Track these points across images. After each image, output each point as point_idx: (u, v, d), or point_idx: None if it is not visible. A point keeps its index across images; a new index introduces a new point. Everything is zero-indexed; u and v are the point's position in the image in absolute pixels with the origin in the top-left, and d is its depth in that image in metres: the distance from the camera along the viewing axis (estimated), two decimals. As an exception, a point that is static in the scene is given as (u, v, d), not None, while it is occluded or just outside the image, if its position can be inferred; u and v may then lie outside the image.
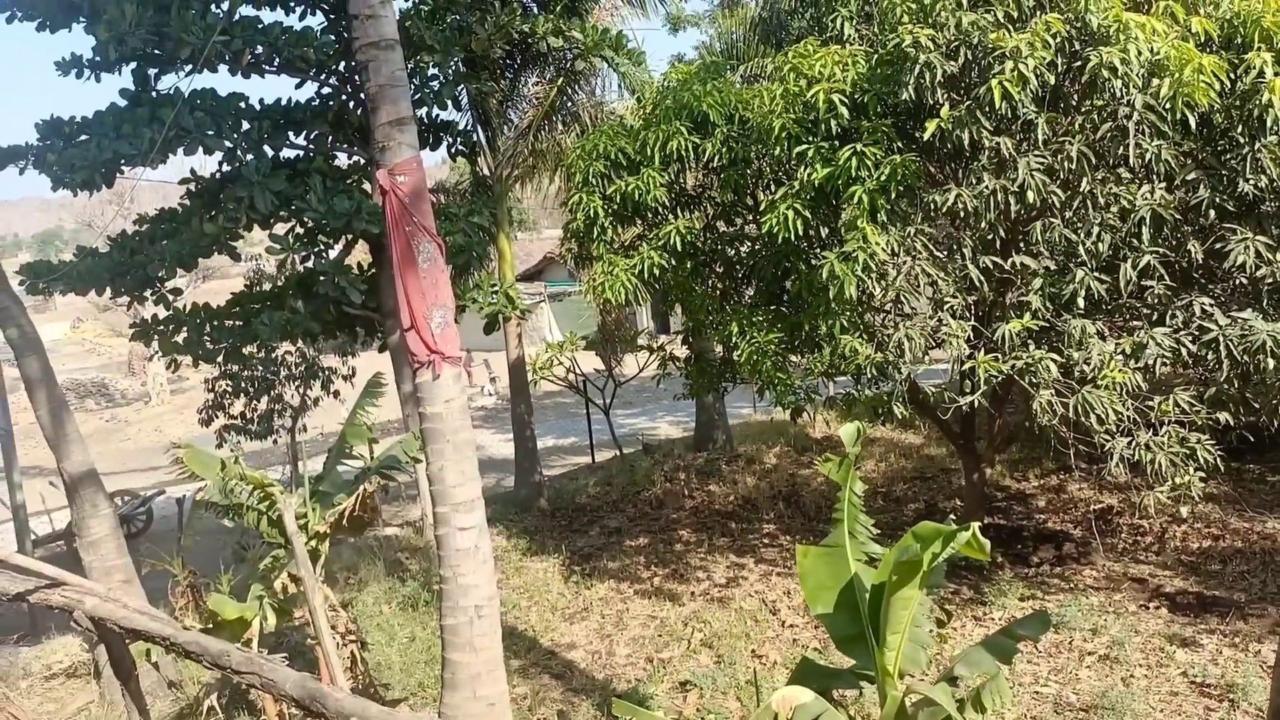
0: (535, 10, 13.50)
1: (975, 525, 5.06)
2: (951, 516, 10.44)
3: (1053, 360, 8.39)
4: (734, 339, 9.84)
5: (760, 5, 15.20)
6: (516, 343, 15.61)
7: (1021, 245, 9.09)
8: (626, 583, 11.67)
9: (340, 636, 8.31)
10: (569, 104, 15.30)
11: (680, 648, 9.77)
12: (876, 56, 8.96)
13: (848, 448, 6.17)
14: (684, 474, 15.99)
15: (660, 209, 10.24)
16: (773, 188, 9.92)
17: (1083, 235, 8.51)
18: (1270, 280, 8.48)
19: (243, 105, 10.81)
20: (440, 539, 6.50)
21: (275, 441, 17.50)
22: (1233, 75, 8.10)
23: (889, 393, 9.55)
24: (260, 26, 10.46)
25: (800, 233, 8.91)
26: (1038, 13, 8.18)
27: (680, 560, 12.32)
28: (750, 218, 10.75)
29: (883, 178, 8.45)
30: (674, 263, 10.02)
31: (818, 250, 9.47)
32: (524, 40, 13.38)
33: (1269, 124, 8.01)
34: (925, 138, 8.31)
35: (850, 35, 9.65)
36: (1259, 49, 8.08)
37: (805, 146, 8.87)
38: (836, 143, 8.81)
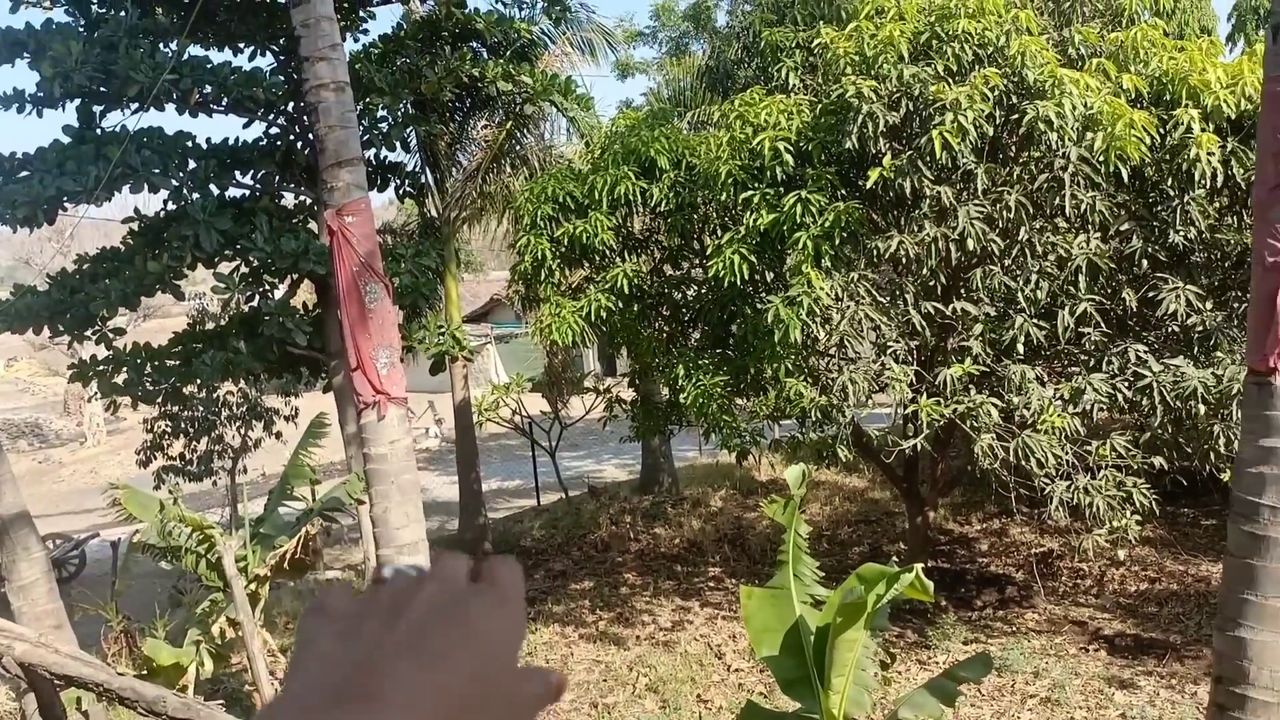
0: (485, 55, 13.60)
1: (919, 567, 5.11)
2: (895, 559, 10.52)
3: (994, 405, 8.54)
4: (680, 382, 9.88)
5: (708, 54, 15.49)
6: (463, 384, 15.50)
7: (962, 292, 9.28)
8: (571, 627, 11.55)
9: (279, 682, 8.10)
10: (518, 147, 15.38)
11: (625, 693, 9.67)
12: (821, 106, 9.15)
13: (793, 490, 6.21)
14: (630, 517, 15.93)
15: (608, 252, 10.30)
16: (719, 232, 10.03)
17: (1022, 283, 8.72)
18: (1200, 328, 8.75)
19: (190, 144, 10.70)
20: (382, 583, 6.37)
21: (215, 483, 17.13)
22: (1162, 130, 8.40)
23: (833, 436, 9.62)
24: (209, 66, 10.39)
25: (746, 277, 9.01)
26: (976, 67, 8.43)
27: (626, 604, 12.23)
28: (697, 262, 10.85)
29: (827, 224, 8.60)
30: (621, 305, 10.06)
31: (763, 294, 9.58)
32: (474, 84, 13.46)
33: (1197, 177, 8.30)
34: (868, 186, 8.48)
35: (795, 85, 9.86)
36: (1186, 105, 8.40)
37: (751, 193, 9.00)
38: (781, 189, 8.96)
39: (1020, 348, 8.68)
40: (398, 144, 12.67)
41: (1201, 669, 9.09)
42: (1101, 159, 8.08)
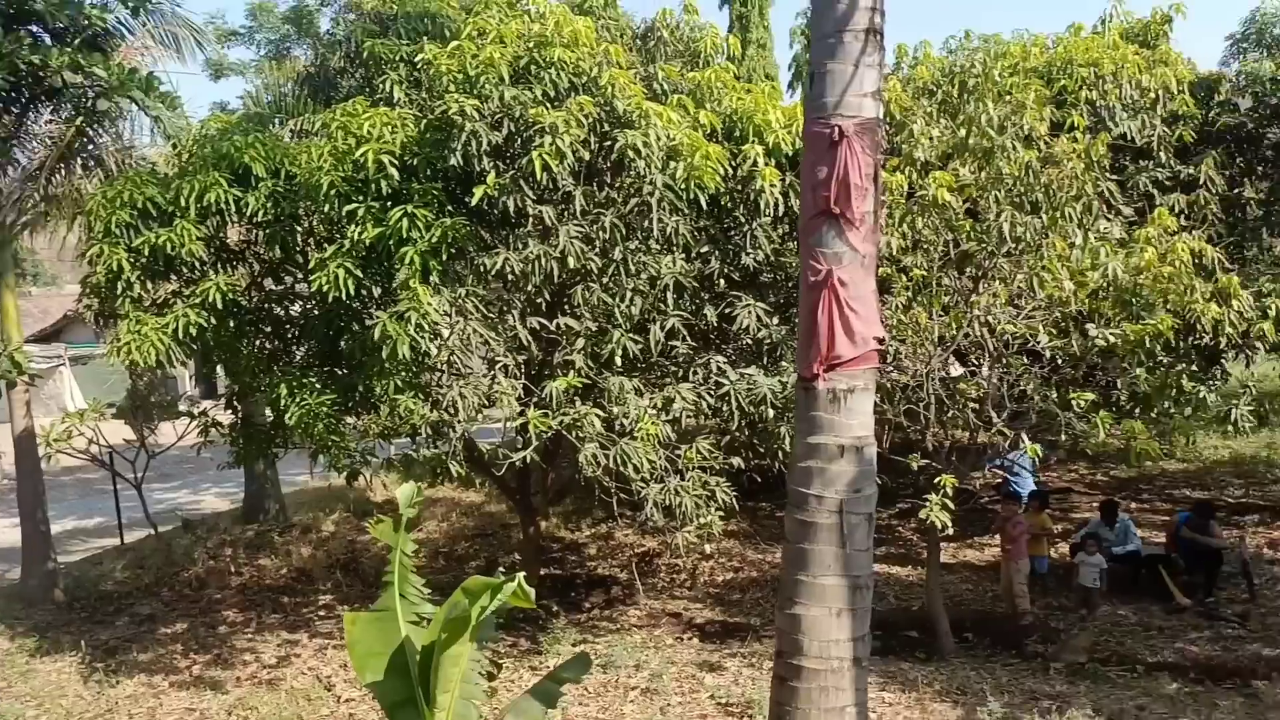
0: (48, 41, 12.08)
1: (520, 575, 5.23)
2: (501, 570, 10.71)
3: (596, 415, 8.98)
4: (283, 401, 9.36)
5: (309, 60, 14.88)
6: (25, 412, 13.58)
7: (566, 308, 9.68)
8: (161, 675, 10.50)
9: None
10: (90, 146, 13.79)
11: (224, 739, 8.97)
12: (426, 121, 9.14)
13: (402, 509, 6.11)
14: (230, 549, 14.82)
15: (198, 264, 9.55)
16: (323, 246, 9.66)
17: (618, 299, 9.27)
18: (769, 341, 9.81)
19: None
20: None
21: None
22: (734, 163, 9.34)
23: (447, 452, 9.63)
24: None
25: (352, 292, 8.76)
26: (573, 94, 8.85)
27: (225, 643, 11.35)
28: (300, 275, 10.37)
29: (434, 239, 8.59)
30: (215, 322, 9.35)
31: (371, 310, 9.36)
32: (34, 72, 11.89)
33: (763, 206, 9.33)
34: (474, 203, 8.60)
35: (400, 99, 9.76)
36: (753, 142, 9.42)
37: (356, 205, 8.78)
38: (388, 203, 8.83)
39: (619, 360, 9.21)
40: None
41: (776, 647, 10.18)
42: (683, 186, 8.80)
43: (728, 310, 9.64)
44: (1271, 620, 10.23)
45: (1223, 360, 12.40)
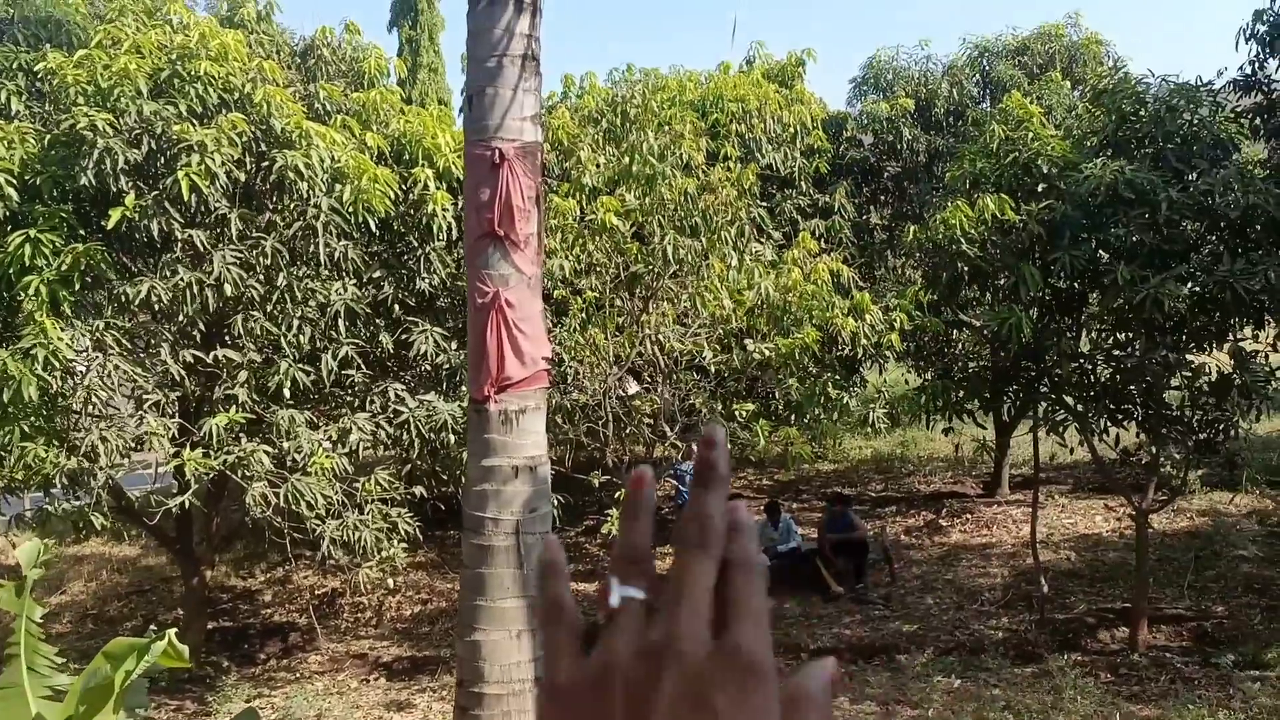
0: None
1: (170, 633, 4.77)
2: (152, 629, 9.79)
3: (265, 452, 8.44)
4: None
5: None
6: None
7: (227, 338, 9.04)
8: None
9: None
10: None
11: None
12: (51, 137, 8.21)
13: (26, 571, 5.39)
14: None
15: None
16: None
17: (285, 328, 8.78)
18: (448, 366, 9.70)
19: None
20: None
21: None
22: (404, 186, 9.18)
23: (89, 503, 8.66)
24: None
25: (-38, 328, 7.67)
26: (223, 110, 8.31)
27: None
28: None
29: (64, 267, 7.73)
30: None
31: (-9, 347, 8.24)
32: None
33: (435, 230, 9.23)
34: (110, 226, 7.82)
35: (20, 111, 8.72)
36: (423, 165, 9.30)
37: (-37, 229, 7.71)
38: (8, 227, 7.83)
39: (287, 392, 8.72)
40: None
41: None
42: (351, 210, 8.52)
43: (404, 336, 9.42)
44: (910, 600, 11.46)
45: (860, 369, 13.81)
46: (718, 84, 13.02)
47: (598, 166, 10.18)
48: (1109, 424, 9.39)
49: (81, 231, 8.13)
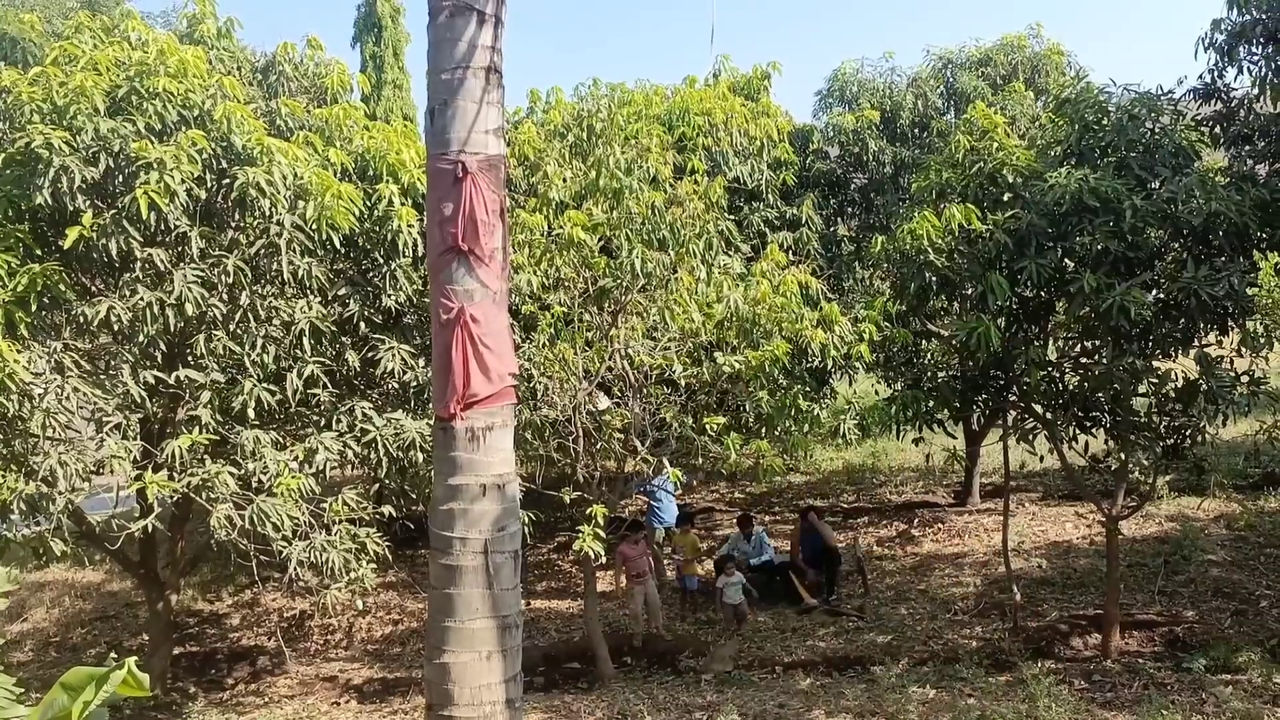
0: None
1: (130, 661, 4.63)
2: (113, 656, 9.59)
3: (230, 473, 8.28)
4: None
5: None
6: None
7: (189, 358, 8.88)
8: None
9: None
10: None
11: None
12: (5, 155, 8.04)
13: (-18, 600, 5.24)
14: None
15: None
16: None
17: (248, 347, 8.64)
18: (415, 384, 9.58)
19: None
20: None
21: None
22: (369, 203, 9.07)
23: (50, 528, 8.47)
24: None
25: (-86, 352, 7.47)
26: (183, 127, 8.18)
27: None
28: None
29: (20, 288, 7.56)
30: None
31: (-58, 372, 8.03)
32: None
33: (401, 246, 9.13)
34: (68, 245, 7.67)
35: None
36: (387, 181, 9.20)
37: (-85, 251, 7.52)
38: (-39, 247, 7.66)
39: (252, 412, 8.57)
40: None
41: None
42: (315, 227, 8.41)
43: (370, 354, 9.30)
44: (883, 610, 11.45)
45: (830, 380, 13.82)
46: (684, 98, 13.02)
47: (564, 181, 10.12)
48: (1078, 431, 9.44)
49: (38, 251, 7.97)
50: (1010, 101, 13.96)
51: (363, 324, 9.40)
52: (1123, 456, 9.43)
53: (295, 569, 8.59)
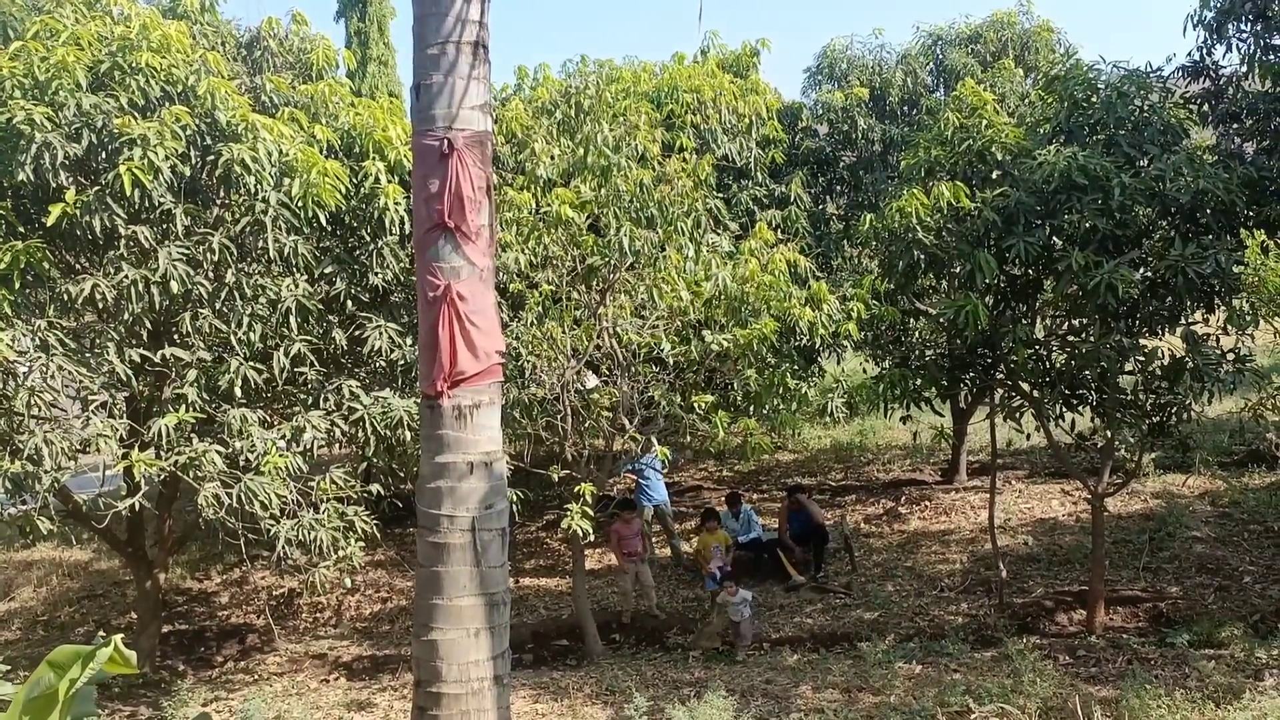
0: None
1: (117, 639, 4.62)
2: (101, 634, 9.59)
3: (217, 452, 8.26)
4: None
5: None
6: None
7: (175, 336, 8.84)
8: None
9: None
10: None
11: None
12: (-15, 131, 7.96)
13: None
14: None
15: None
16: None
17: (235, 325, 8.60)
18: (402, 362, 9.56)
19: None
20: None
21: None
22: (355, 180, 9.02)
23: (36, 507, 8.43)
24: None
25: (-104, 330, 7.42)
26: (166, 103, 8.10)
27: None
28: None
29: (3, 266, 7.50)
30: None
31: (-75, 350, 7.97)
32: None
33: (388, 224, 9.08)
34: (50, 223, 7.61)
35: (-47, 105, 8.43)
36: (374, 158, 9.14)
37: (-105, 228, 7.45)
38: (-59, 225, 7.59)
39: (239, 391, 8.54)
40: None
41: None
42: (300, 204, 8.36)
43: (358, 332, 9.27)
44: (870, 587, 11.52)
45: (818, 359, 13.83)
46: (672, 75, 12.95)
47: (552, 159, 10.08)
48: (1064, 409, 9.48)
49: (20, 229, 7.89)
50: (1000, 79, 13.92)
51: (350, 302, 9.36)
52: (1109, 434, 9.49)
53: (283, 547, 8.58)
